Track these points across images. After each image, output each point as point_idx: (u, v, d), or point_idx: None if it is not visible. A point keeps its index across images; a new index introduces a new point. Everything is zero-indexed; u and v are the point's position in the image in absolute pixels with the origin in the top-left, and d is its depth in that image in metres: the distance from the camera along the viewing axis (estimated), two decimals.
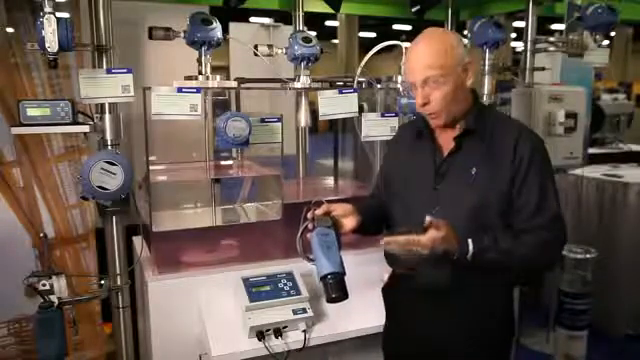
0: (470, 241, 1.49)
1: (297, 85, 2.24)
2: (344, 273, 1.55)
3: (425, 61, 1.54)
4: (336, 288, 1.52)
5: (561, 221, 1.60)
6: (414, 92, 1.60)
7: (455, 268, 1.53)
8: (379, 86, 2.48)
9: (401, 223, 1.73)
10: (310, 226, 1.62)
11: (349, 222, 1.67)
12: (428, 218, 1.45)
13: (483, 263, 1.52)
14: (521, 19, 2.97)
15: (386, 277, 1.89)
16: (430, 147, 1.69)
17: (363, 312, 1.95)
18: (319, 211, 1.64)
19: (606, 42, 2.75)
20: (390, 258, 1.81)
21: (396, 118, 2.33)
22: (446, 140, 1.66)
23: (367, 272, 1.98)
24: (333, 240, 1.58)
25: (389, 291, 1.84)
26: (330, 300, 1.53)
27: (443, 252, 1.47)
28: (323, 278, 1.54)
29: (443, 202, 1.61)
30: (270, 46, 2.22)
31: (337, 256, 1.56)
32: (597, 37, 2.68)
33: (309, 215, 1.63)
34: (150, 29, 2.04)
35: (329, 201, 1.66)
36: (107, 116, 1.93)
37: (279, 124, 2.15)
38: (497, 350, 1.72)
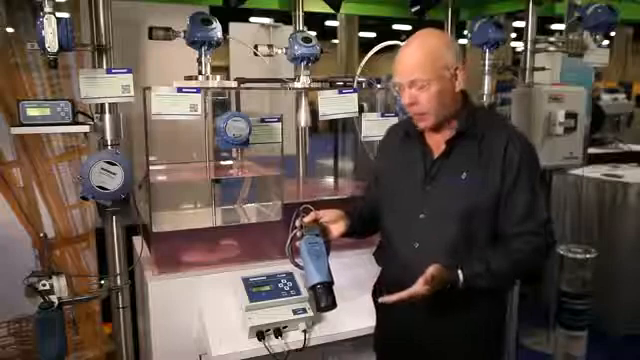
0: (459, 272, 1.51)
1: (297, 85, 2.24)
2: (332, 282, 1.56)
3: (412, 64, 1.55)
4: (325, 298, 1.54)
5: (550, 225, 1.61)
6: (401, 92, 1.60)
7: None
8: (379, 86, 2.48)
9: (390, 226, 1.74)
10: (299, 234, 1.63)
11: (338, 228, 1.69)
12: (420, 281, 1.47)
13: (476, 286, 1.53)
14: (521, 19, 2.96)
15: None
16: (420, 149, 1.69)
17: (363, 312, 1.95)
18: (307, 219, 1.64)
19: (606, 42, 2.74)
20: (380, 259, 1.81)
21: (396, 118, 2.33)
22: (436, 142, 1.66)
23: (367, 272, 1.98)
24: (321, 248, 1.59)
25: (379, 292, 1.84)
26: (320, 309, 1.56)
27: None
28: (312, 288, 1.56)
29: (432, 205, 1.62)
30: (270, 46, 2.22)
31: (326, 265, 1.57)
32: (597, 37, 2.67)
33: (297, 223, 1.64)
34: (150, 29, 2.04)
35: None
36: (107, 116, 1.93)
37: (279, 124, 2.15)
38: (490, 350, 1.72)
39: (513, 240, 1.57)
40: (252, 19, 5.57)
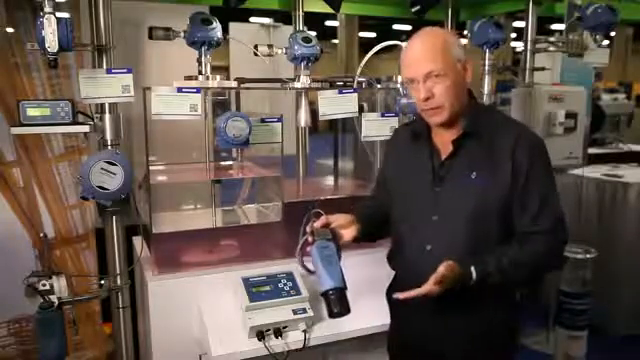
0: (473, 269, 1.50)
1: (297, 85, 2.23)
2: (345, 288, 1.54)
3: (426, 55, 1.54)
4: (338, 303, 1.51)
5: (564, 223, 1.60)
6: (413, 89, 1.58)
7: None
8: (379, 86, 2.48)
9: (402, 228, 1.73)
10: (310, 239, 1.61)
11: (349, 232, 1.67)
12: (431, 280, 1.46)
13: (487, 284, 1.52)
14: (521, 19, 2.97)
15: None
16: (428, 150, 1.67)
17: (363, 312, 1.94)
18: (318, 223, 1.62)
19: (606, 42, 2.75)
20: (392, 262, 1.81)
21: (396, 118, 2.33)
22: (443, 142, 1.64)
23: (368, 272, 1.98)
24: (333, 253, 1.57)
25: (393, 293, 1.84)
26: (332, 315, 1.52)
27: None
28: (324, 294, 1.53)
29: (444, 206, 1.61)
30: (270, 46, 2.22)
31: (338, 270, 1.55)
32: (597, 37, 2.67)
33: (308, 228, 1.62)
34: (150, 29, 2.04)
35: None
36: (107, 116, 1.93)
37: (279, 124, 2.14)
38: (503, 352, 1.72)
39: (527, 240, 1.55)
40: (252, 19, 5.58)
